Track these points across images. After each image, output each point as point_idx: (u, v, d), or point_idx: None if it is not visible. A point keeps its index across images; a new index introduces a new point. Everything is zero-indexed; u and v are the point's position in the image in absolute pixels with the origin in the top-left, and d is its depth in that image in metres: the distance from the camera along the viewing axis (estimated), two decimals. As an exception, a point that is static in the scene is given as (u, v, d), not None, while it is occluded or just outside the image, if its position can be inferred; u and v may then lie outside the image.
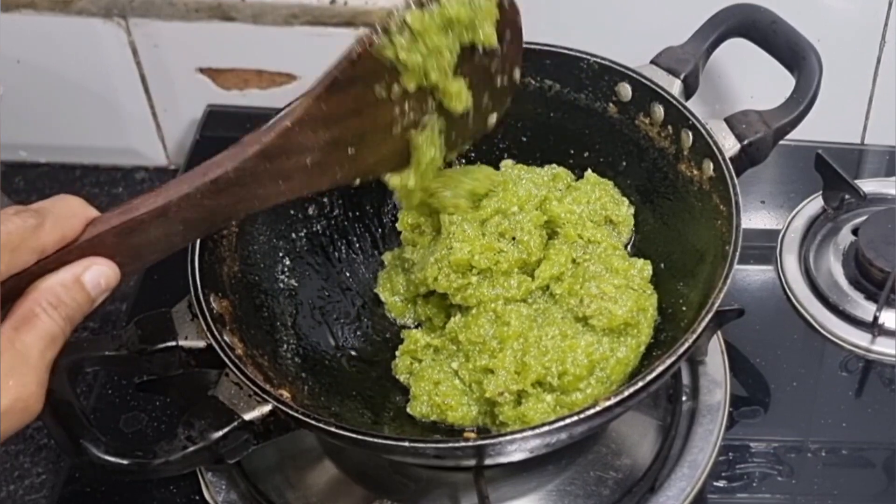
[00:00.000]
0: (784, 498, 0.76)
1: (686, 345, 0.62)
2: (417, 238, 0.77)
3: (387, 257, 0.81)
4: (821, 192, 0.92)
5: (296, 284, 0.77)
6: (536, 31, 0.92)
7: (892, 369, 0.83)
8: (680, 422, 0.76)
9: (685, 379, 0.78)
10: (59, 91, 1.01)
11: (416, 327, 0.78)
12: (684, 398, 0.77)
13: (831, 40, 0.86)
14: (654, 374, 0.61)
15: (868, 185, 0.91)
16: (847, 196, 0.91)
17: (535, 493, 0.73)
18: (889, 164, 0.98)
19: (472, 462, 0.67)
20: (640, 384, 0.61)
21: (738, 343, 0.83)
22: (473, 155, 0.82)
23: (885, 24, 0.92)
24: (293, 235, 0.78)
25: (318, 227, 0.80)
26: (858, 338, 0.84)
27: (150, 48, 0.98)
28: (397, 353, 0.76)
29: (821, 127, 0.83)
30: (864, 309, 0.85)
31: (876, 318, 0.83)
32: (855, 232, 0.89)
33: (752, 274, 0.90)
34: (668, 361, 0.62)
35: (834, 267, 0.88)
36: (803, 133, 0.78)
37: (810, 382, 0.82)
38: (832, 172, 0.90)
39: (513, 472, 0.73)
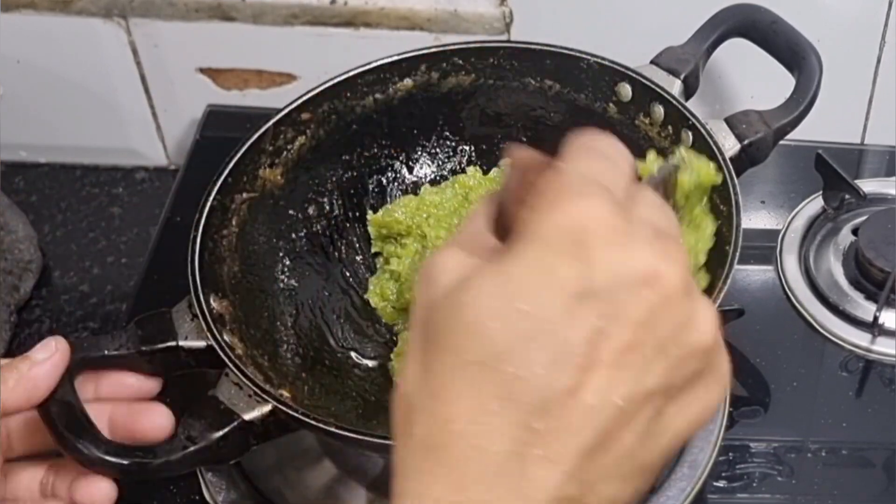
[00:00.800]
0: (784, 498, 0.76)
1: (686, 345, 0.62)
2: (399, 251, 0.77)
3: (379, 261, 0.81)
4: (821, 192, 0.92)
5: (296, 284, 0.77)
6: (536, 31, 0.92)
7: (892, 369, 0.82)
8: (680, 422, 0.76)
9: (685, 379, 0.78)
10: (59, 91, 1.01)
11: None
12: (684, 398, 0.77)
13: (831, 40, 0.86)
14: (654, 374, 0.61)
15: (868, 185, 0.91)
16: (847, 196, 0.90)
17: (535, 493, 0.73)
18: (889, 164, 0.98)
19: (472, 462, 0.67)
20: (640, 384, 0.61)
21: (738, 343, 0.83)
22: (474, 156, 0.82)
23: (885, 24, 0.92)
24: (293, 235, 0.78)
25: (318, 227, 0.79)
26: (858, 338, 0.84)
27: (150, 48, 0.98)
28: (392, 355, 0.75)
29: (821, 127, 0.83)
30: (864, 309, 0.85)
31: (876, 318, 0.83)
32: (855, 232, 0.89)
33: (752, 274, 0.89)
34: (668, 361, 0.62)
35: (834, 267, 0.88)
36: (803, 133, 0.78)
37: (810, 382, 0.82)
38: (832, 172, 0.90)
39: (513, 472, 0.73)
